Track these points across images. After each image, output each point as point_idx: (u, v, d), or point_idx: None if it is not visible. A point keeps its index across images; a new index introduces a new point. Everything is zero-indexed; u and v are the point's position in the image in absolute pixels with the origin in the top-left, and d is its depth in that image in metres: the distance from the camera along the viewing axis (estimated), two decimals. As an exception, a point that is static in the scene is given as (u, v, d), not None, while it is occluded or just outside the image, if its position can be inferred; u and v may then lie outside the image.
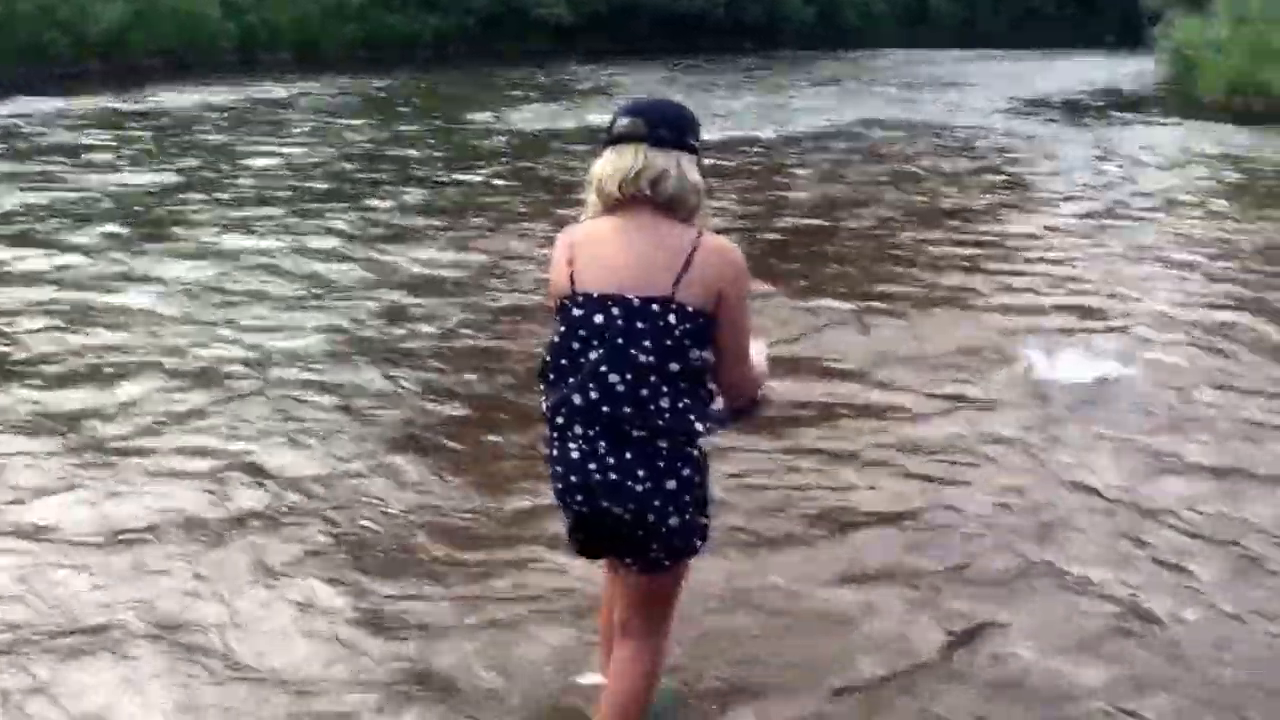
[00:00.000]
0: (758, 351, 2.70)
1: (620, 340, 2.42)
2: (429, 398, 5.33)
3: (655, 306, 2.42)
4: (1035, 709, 3.03)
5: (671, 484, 2.46)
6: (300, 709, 2.99)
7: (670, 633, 2.77)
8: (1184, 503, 4.19)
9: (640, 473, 2.44)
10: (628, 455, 2.44)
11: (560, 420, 2.50)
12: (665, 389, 2.43)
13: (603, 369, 2.43)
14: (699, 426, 2.49)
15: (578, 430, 2.47)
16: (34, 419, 4.95)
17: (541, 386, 2.57)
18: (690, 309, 2.42)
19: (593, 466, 2.46)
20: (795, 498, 4.24)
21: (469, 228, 9.31)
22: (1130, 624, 3.39)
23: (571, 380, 2.47)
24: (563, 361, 2.49)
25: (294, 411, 5.05)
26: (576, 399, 2.45)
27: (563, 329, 2.50)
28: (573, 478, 2.49)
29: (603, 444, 2.45)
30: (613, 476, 2.45)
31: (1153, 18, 25.54)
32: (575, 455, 2.48)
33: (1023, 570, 3.71)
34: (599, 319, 2.44)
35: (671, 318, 2.42)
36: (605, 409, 2.43)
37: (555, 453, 2.53)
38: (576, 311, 2.47)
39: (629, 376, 2.41)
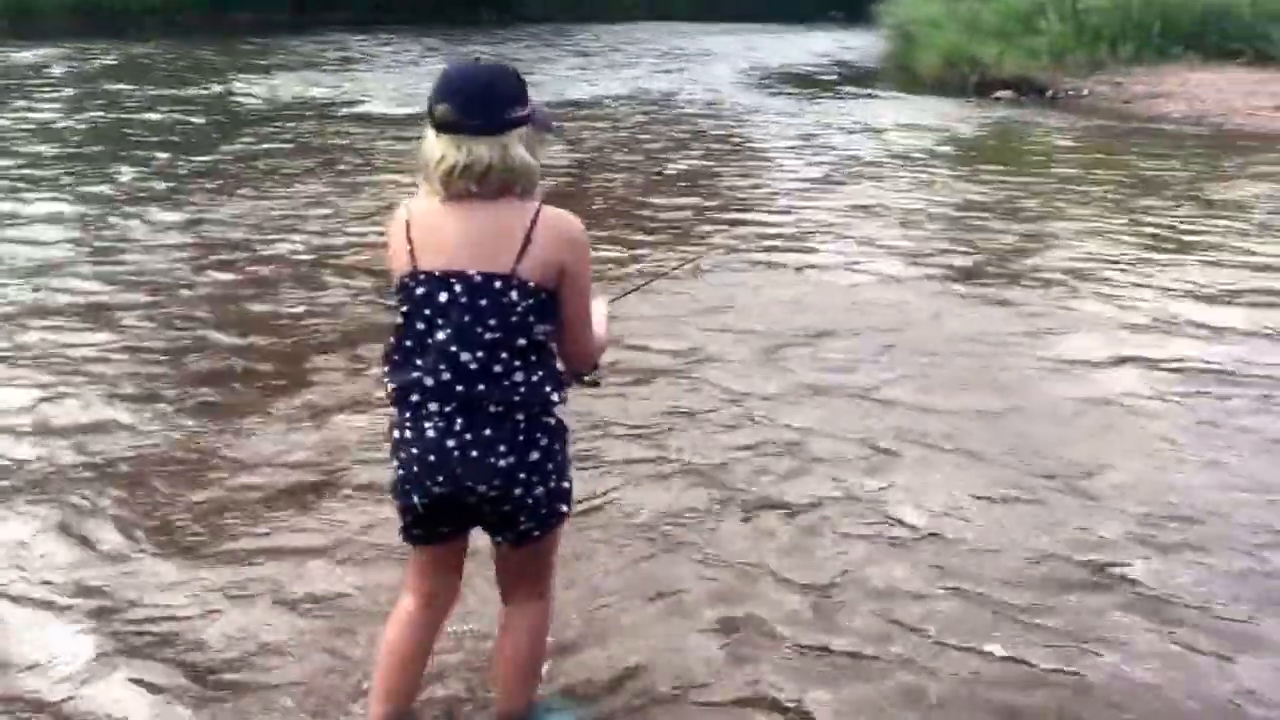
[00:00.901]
0: (599, 315, 2.73)
1: (467, 318, 2.41)
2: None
3: (497, 283, 2.42)
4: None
5: (534, 455, 2.48)
6: None
7: (553, 588, 2.81)
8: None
9: (501, 448, 2.44)
10: (487, 431, 2.44)
11: (413, 400, 2.46)
12: (517, 363, 2.44)
13: (453, 348, 2.42)
14: (554, 396, 2.51)
15: (432, 409, 2.45)
16: None
17: (385, 368, 2.53)
18: (532, 284, 2.43)
19: (451, 444, 2.44)
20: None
21: (220, 193, 9.45)
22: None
23: (420, 361, 2.45)
24: (408, 342, 2.47)
25: None
26: (429, 380, 2.44)
27: (406, 309, 2.48)
28: (431, 457, 2.45)
29: (460, 421, 2.44)
30: (474, 453, 2.43)
31: (877, -7, 26.70)
32: (432, 435, 2.45)
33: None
34: (443, 297, 2.43)
35: (514, 294, 2.42)
36: (460, 388, 2.43)
37: (409, 434, 2.48)
38: (419, 291, 2.45)
39: (480, 354, 2.42)
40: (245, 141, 12.58)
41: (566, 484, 2.60)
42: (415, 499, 2.52)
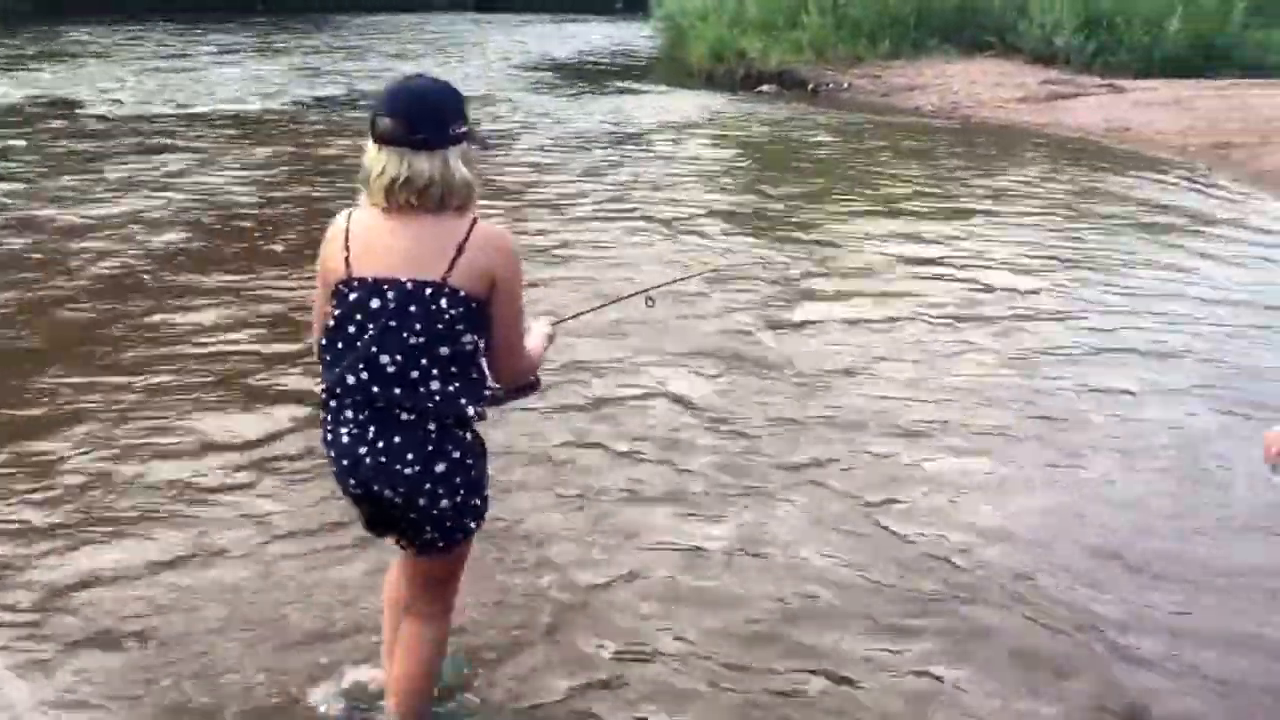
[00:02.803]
0: (537, 332, 2.87)
1: (392, 322, 2.47)
2: None
3: (428, 290, 2.47)
4: None
5: (441, 467, 2.51)
6: None
7: (454, 607, 2.84)
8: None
9: (409, 456, 2.48)
10: (397, 439, 2.48)
11: (334, 403, 2.54)
12: (435, 371, 2.48)
13: (374, 350, 2.48)
14: (470, 410, 2.53)
15: (349, 414, 2.52)
16: None
17: (320, 370, 2.59)
18: (462, 293, 2.48)
19: (363, 450, 2.50)
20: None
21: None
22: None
23: (345, 362, 2.51)
24: (338, 344, 2.52)
25: None
26: (349, 379, 2.50)
27: (338, 312, 2.52)
28: (344, 461, 2.53)
29: (373, 428, 2.50)
30: (382, 460, 2.48)
31: (651, -15, 26.57)
32: (346, 439, 2.52)
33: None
34: (374, 303, 2.48)
35: (443, 301, 2.48)
36: (375, 389, 2.48)
37: (330, 436, 2.57)
38: (352, 296, 2.51)
39: (398, 357, 2.47)
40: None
41: (477, 501, 2.62)
42: (343, 495, 2.64)
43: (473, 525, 2.64)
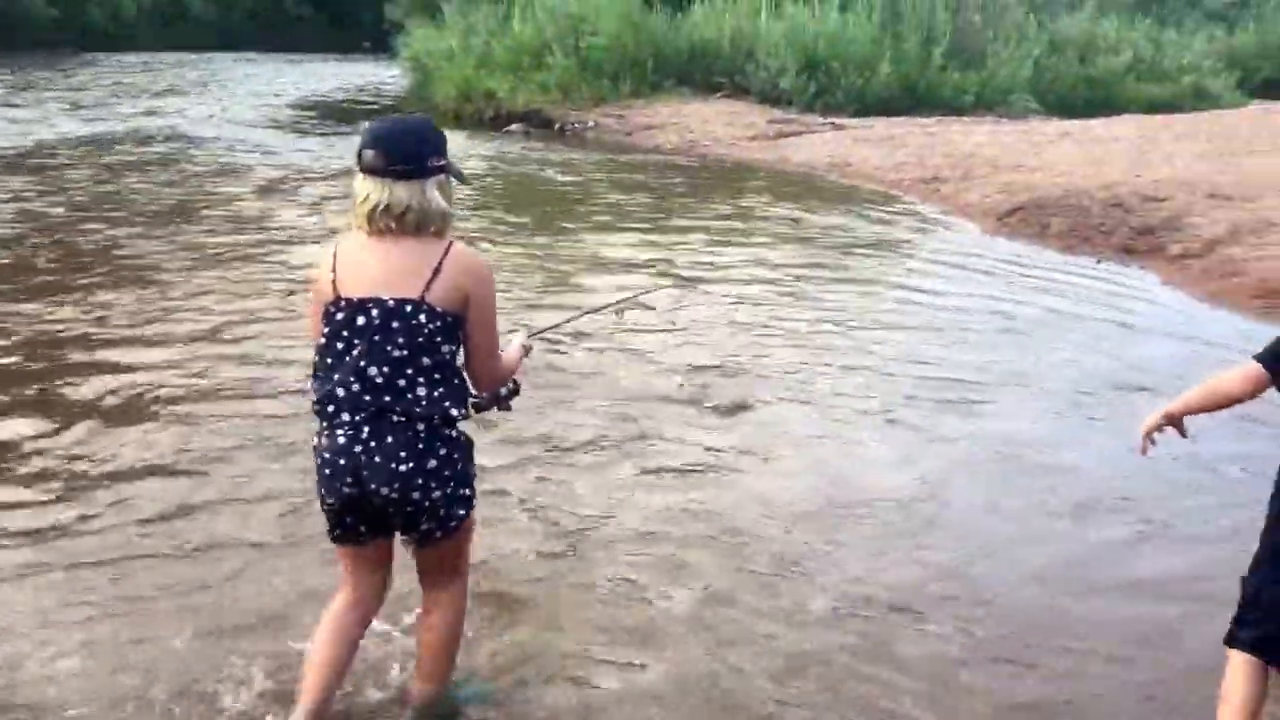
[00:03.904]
0: (514, 344, 3.22)
1: (377, 337, 2.74)
2: None
3: (408, 307, 2.75)
4: None
5: (431, 463, 2.76)
6: None
7: (467, 575, 3.10)
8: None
9: (402, 454, 2.72)
10: (389, 439, 2.73)
11: (330, 410, 2.77)
12: (420, 379, 2.75)
13: (363, 363, 2.74)
14: (454, 412, 2.80)
15: (345, 418, 2.75)
16: None
17: (312, 385, 2.83)
18: (439, 309, 2.76)
19: (359, 450, 2.73)
20: None
21: None
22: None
23: (336, 376, 2.76)
24: (329, 360, 2.78)
25: None
26: (341, 391, 2.75)
27: (328, 330, 2.80)
28: (341, 461, 2.74)
29: (367, 429, 2.73)
30: (377, 459, 2.72)
31: (397, 27, 26.79)
32: (342, 440, 2.74)
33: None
34: (360, 320, 2.75)
35: (422, 317, 2.75)
36: (367, 398, 2.74)
37: (324, 441, 2.78)
38: (340, 315, 2.78)
39: (386, 369, 2.73)
40: None
41: (466, 491, 2.87)
42: (330, 500, 2.80)
43: (462, 513, 2.87)
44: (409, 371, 2.74)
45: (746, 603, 3.80)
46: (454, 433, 2.83)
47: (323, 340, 2.81)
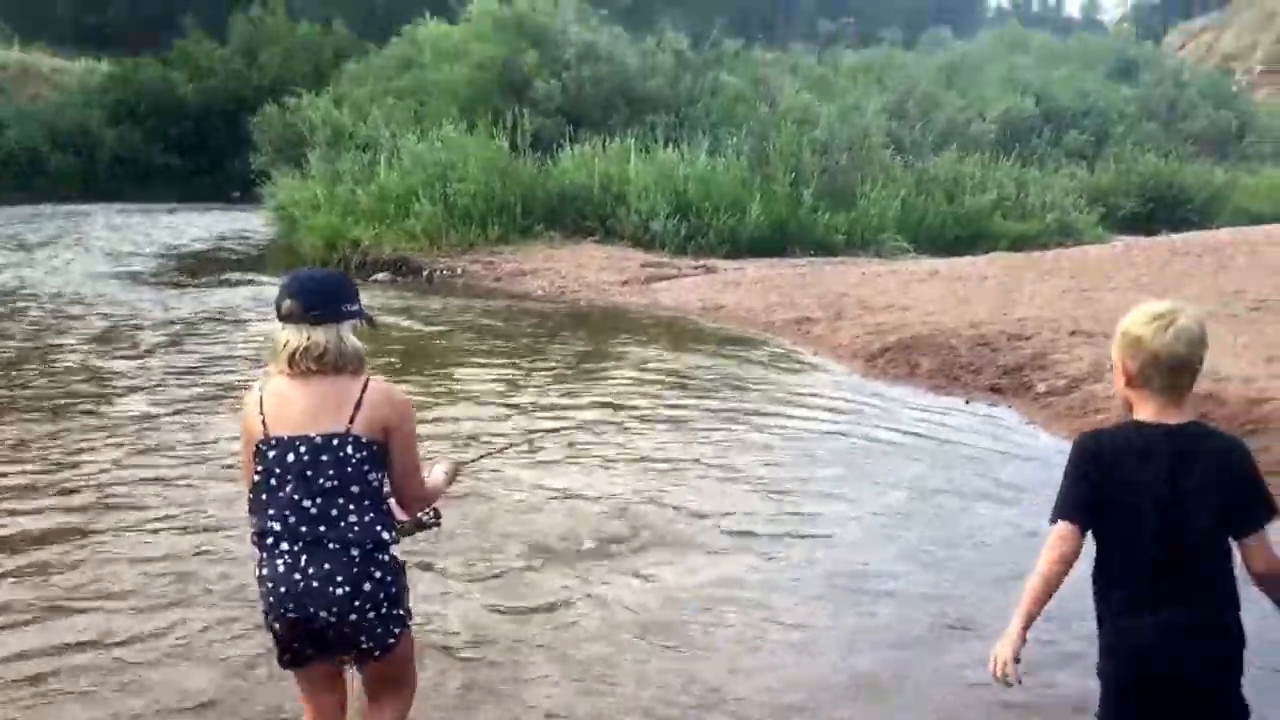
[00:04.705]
0: (439, 470, 3.46)
1: (309, 472, 2.96)
2: None
3: (334, 440, 2.97)
4: None
5: (366, 586, 2.94)
6: None
7: (413, 685, 3.30)
8: None
9: (339, 578, 2.91)
10: (326, 565, 2.92)
11: (269, 542, 2.98)
12: (351, 507, 2.96)
13: (296, 496, 2.95)
14: (385, 536, 3.01)
15: (284, 547, 2.96)
16: None
17: (250, 519, 3.02)
18: (364, 439, 2.99)
19: (297, 577, 2.93)
20: None
21: None
22: None
23: (272, 510, 2.97)
24: (264, 495, 3.00)
25: None
26: (277, 525, 2.97)
27: (260, 468, 3.00)
28: (282, 588, 2.94)
29: (304, 558, 2.94)
30: (315, 584, 2.91)
31: (263, 176, 26.18)
32: (282, 569, 2.95)
33: None
34: (290, 457, 2.97)
35: (349, 448, 2.97)
36: (303, 529, 2.94)
37: (265, 571, 2.98)
38: (271, 453, 2.99)
39: (319, 500, 2.95)
40: None
41: (400, 611, 3.04)
42: (276, 625, 2.97)
43: (398, 631, 3.05)
44: (340, 501, 2.94)
45: None
46: (386, 556, 3.01)
47: (256, 477, 3.00)
